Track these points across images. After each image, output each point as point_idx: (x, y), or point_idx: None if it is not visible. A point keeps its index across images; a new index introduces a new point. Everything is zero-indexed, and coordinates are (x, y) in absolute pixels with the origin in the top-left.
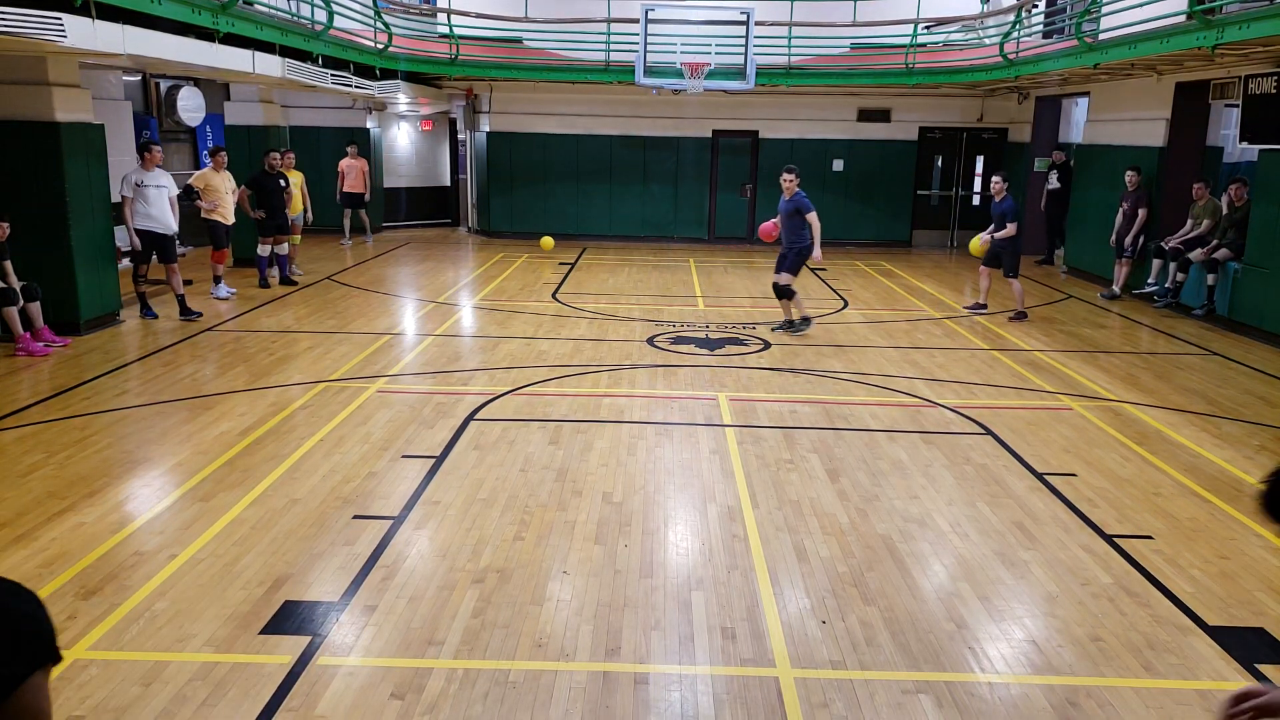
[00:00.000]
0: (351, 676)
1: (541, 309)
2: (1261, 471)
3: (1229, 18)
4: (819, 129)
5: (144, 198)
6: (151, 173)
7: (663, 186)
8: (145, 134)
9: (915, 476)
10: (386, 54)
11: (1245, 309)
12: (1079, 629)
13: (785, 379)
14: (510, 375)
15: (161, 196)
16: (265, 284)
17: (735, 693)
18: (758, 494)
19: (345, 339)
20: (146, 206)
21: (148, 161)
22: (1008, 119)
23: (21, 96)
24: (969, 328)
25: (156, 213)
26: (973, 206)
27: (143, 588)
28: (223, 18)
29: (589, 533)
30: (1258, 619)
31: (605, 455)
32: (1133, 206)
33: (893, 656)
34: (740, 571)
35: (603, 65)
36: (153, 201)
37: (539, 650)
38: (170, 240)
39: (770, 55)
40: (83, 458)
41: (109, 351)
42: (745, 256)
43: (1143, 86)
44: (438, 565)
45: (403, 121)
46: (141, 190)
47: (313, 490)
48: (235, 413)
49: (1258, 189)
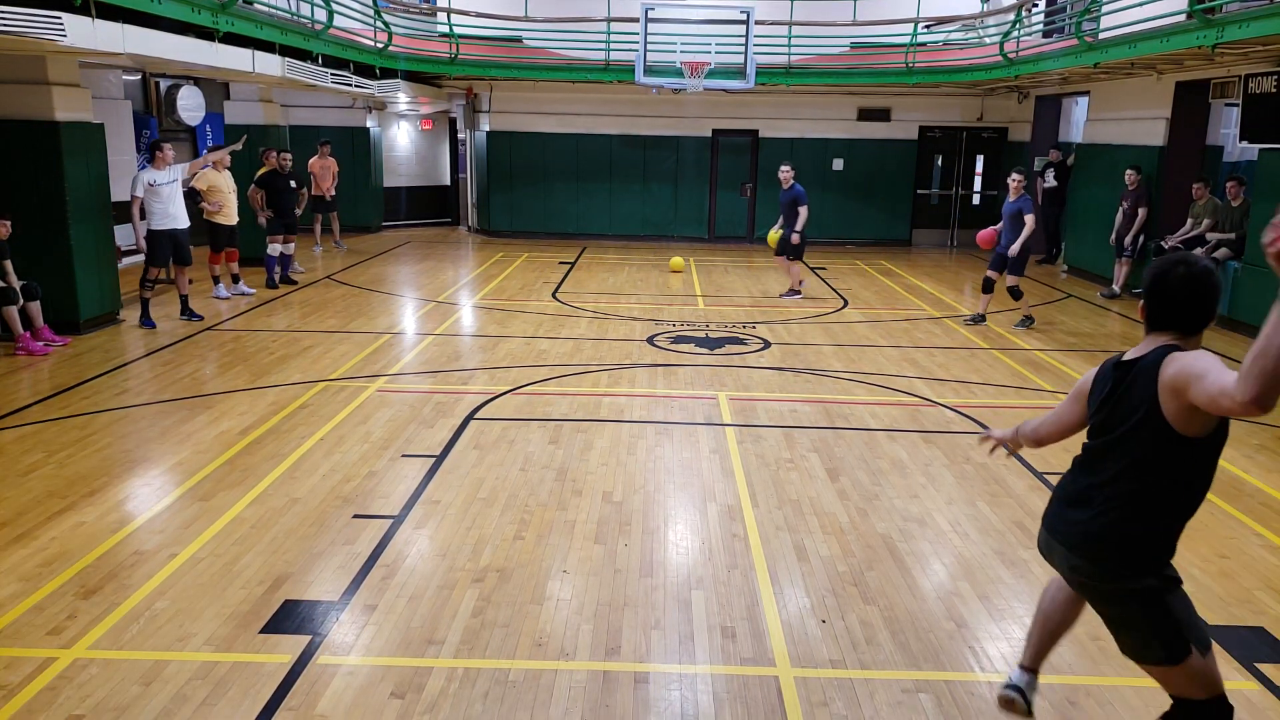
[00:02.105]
0: (351, 676)
1: (541, 308)
2: (1261, 471)
3: (1229, 17)
4: (819, 128)
5: (159, 196)
6: (163, 171)
7: (663, 186)
8: (145, 134)
9: (915, 476)
10: (386, 53)
11: (1245, 309)
12: (1079, 628)
13: (785, 378)
14: (510, 374)
15: (176, 192)
16: (273, 284)
17: (735, 692)
18: (758, 493)
19: (345, 338)
20: (164, 205)
21: (159, 161)
22: (1008, 118)
23: (21, 96)
24: (969, 327)
25: (175, 210)
26: (973, 206)
27: (143, 587)
28: (222, 17)
29: (589, 532)
30: (1257, 618)
31: (605, 454)
32: (1133, 206)
33: (892, 656)
34: (740, 571)
35: (603, 64)
36: (169, 199)
37: (539, 649)
38: (187, 237)
39: (770, 54)
40: (83, 457)
41: (109, 351)
42: (745, 256)
43: (1143, 86)
44: (438, 564)
45: (403, 121)
46: (156, 190)
47: (313, 489)
48: (235, 412)
49: (1258, 188)
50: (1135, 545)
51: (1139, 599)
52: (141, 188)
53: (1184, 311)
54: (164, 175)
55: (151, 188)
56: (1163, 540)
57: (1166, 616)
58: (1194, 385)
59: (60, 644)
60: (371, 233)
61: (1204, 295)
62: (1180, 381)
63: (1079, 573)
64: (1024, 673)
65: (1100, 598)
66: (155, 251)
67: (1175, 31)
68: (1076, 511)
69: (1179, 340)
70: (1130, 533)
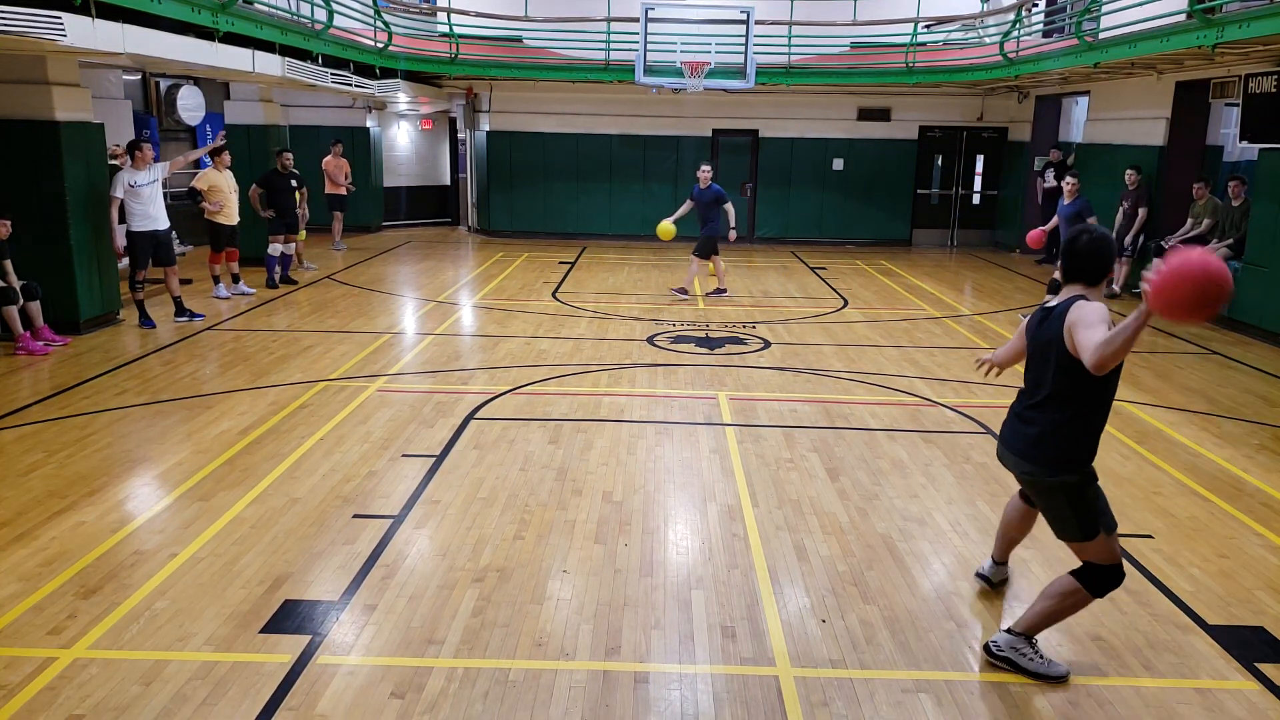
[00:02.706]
0: (351, 675)
1: (541, 308)
2: (1261, 471)
3: (1229, 16)
4: (819, 128)
5: (139, 198)
6: (144, 171)
7: (662, 185)
8: (145, 133)
9: (915, 475)
10: (386, 53)
11: (1245, 308)
12: (1079, 628)
13: (785, 378)
14: (510, 374)
15: (156, 192)
16: (273, 284)
17: (735, 691)
18: (758, 493)
19: (345, 338)
20: (144, 206)
21: (139, 160)
22: (1008, 118)
23: (21, 96)
24: (969, 327)
25: (155, 211)
26: (973, 205)
27: (143, 587)
28: (222, 17)
29: (589, 532)
30: (1257, 618)
31: (605, 454)
32: (1133, 205)
33: (892, 655)
34: (740, 570)
35: (603, 64)
36: (149, 200)
37: (539, 649)
38: (169, 238)
39: (770, 54)
40: (83, 457)
41: (109, 350)
42: (745, 255)
43: (1143, 85)
44: (438, 564)
45: (402, 120)
46: (136, 191)
47: (313, 489)
48: (235, 412)
49: (1258, 188)
50: (1063, 448)
51: (1063, 491)
52: (121, 189)
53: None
54: (144, 176)
55: (132, 189)
56: (1084, 444)
57: (1084, 505)
58: (1075, 331)
59: (60, 644)
60: (371, 232)
61: (1101, 254)
62: (1070, 324)
63: (1024, 472)
64: (994, 564)
65: (1038, 492)
66: (136, 253)
67: (1175, 31)
68: (1024, 426)
69: (1086, 290)
70: (1058, 438)
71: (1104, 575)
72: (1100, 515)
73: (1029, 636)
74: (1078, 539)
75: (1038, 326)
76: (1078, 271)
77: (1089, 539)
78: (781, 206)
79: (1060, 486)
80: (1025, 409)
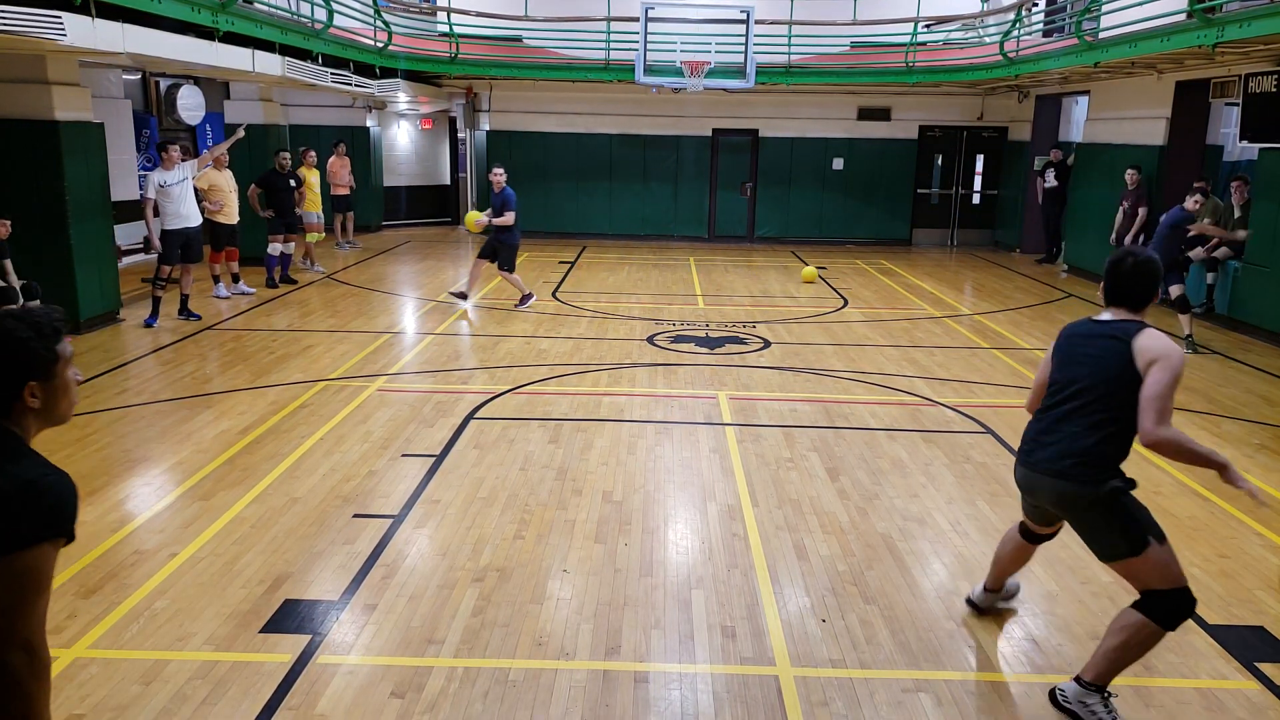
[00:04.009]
0: (352, 675)
1: (541, 307)
2: (1262, 471)
3: (1229, 16)
4: (819, 127)
5: (170, 197)
6: (172, 171)
7: (662, 185)
8: (145, 133)
9: (915, 475)
10: (386, 52)
11: (1245, 308)
12: (1079, 627)
13: (785, 378)
14: (510, 374)
15: (186, 190)
16: (273, 283)
17: (735, 691)
18: (758, 493)
19: (345, 338)
20: (175, 205)
21: (166, 161)
22: (1008, 118)
23: (21, 95)
24: (969, 326)
25: (186, 209)
26: (973, 205)
27: (143, 586)
28: (222, 16)
29: (589, 531)
30: (1258, 618)
31: (605, 454)
32: (1133, 205)
33: (892, 655)
34: (740, 570)
35: (602, 64)
36: (179, 199)
37: (539, 649)
38: (199, 235)
39: (770, 54)
40: (82, 456)
41: (109, 350)
42: (745, 255)
43: (1143, 85)
44: (438, 564)
45: (402, 120)
46: (167, 190)
47: (313, 489)
48: (235, 411)
49: (1258, 188)
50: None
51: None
52: (153, 189)
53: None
54: (173, 175)
55: (163, 189)
56: (1126, 449)
57: (1126, 512)
58: (1157, 372)
59: (60, 643)
60: (371, 232)
61: (1147, 279)
62: (1152, 358)
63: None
64: (985, 591)
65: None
66: (169, 251)
67: (1175, 31)
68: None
69: (1131, 315)
70: (1109, 446)
71: (1169, 602)
72: (1145, 522)
73: (1101, 689)
74: (1126, 555)
75: (1085, 340)
76: (1122, 296)
77: (1137, 552)
78: (781, 206)
79: (1102, 499)
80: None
